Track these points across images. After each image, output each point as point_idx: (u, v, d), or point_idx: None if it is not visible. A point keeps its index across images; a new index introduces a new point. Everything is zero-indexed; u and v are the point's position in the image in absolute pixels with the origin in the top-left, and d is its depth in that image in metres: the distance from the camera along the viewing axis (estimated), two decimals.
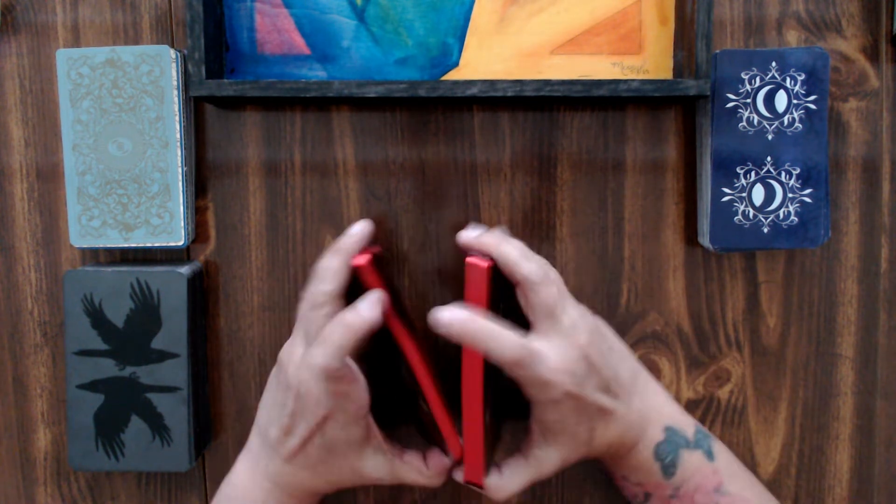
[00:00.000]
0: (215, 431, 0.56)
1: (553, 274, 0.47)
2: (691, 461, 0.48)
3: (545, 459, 0.47)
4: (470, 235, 0.48)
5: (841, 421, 0.55)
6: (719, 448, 0.49)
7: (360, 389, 0.45)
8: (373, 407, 0.46)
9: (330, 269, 0.46)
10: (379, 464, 0.48)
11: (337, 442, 0.46)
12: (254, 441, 0.49)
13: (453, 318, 0.42)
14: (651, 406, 0.49)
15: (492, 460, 0.49)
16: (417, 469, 0.49)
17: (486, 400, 0.45)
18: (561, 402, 0.44)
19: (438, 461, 0.49)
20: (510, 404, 0.51)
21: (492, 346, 0.43)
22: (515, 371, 0.43)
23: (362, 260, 0.45)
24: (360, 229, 0.48)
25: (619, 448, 0.48)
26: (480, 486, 0.47)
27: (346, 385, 0.44)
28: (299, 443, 0.46)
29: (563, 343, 0.45)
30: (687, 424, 0.49)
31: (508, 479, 0.47)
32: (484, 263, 0.44)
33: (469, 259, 0.44)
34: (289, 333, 0.55)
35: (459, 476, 0.48)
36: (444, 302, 0.54)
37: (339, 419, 0.45)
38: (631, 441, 0.48)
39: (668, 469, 0.48)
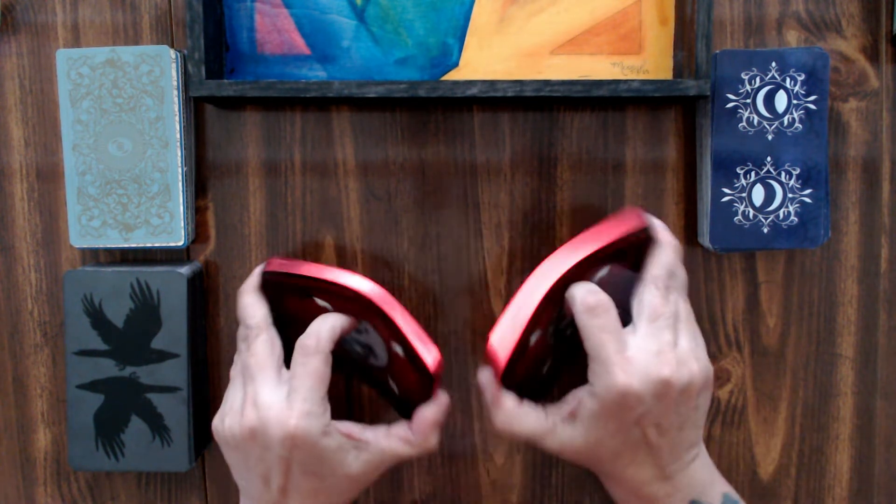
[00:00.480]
0: None
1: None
2: None
3: (564, 434, 0.45)
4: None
5: (841, 421, 0.55)
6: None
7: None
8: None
9: (247, 305, 0.47)
10: (362, 458, 0.45)
11: (320, 464, 0.44)
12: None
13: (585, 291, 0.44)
14: (690, 481, 0.45)
15: (520, 385, 0.47)
16: (404, 439, 0.46)
17: (547, 310, 0.45)
18: (614, 403, 0.42)
19: (421, 419, 0.46)
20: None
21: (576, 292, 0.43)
22: (584, 318, 0.43)
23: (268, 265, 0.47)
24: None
25: (639, 498, 0.45)
26: (497, 371, 0.45)
27: (323, 369, 0.44)
28: (281, 483, 0.44)
29: (654, 348, 0.43)
30: (714, 496, 0.46)
31: (520, 412, 0.45)
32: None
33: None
34: None
35: (486, 377, 0.46)
36: (445, 302, 0.54)
37: (310, 431, 0.43)
38: (654, 496, 0.45)
39: None
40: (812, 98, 0.50)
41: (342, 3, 0.52)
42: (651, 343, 0.43)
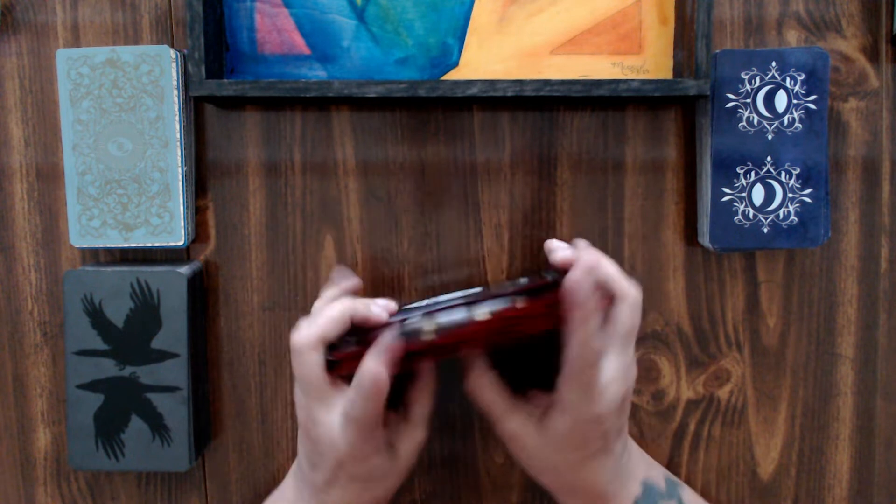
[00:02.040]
0: (215, 431, 0.56)
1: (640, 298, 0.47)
2: None
3: (526, 431, 0.46)
4: (565, 252, 0.47)
5: (841, 421, 0.55)
6: (688, 496, 0.50)
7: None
8: None
9: (325, 314, 0.45)
10: (402, 449, 0.47)
11: (363, 475, 0.46)
12: (293, 473, 0.50)
13: (591, 258, 0.43)
14: (632, 460, 0.49)
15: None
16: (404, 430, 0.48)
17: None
18: (585, 425, 0.44)
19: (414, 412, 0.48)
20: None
21: (591, 327, 0.42)
22: (579, 364, 0.43)
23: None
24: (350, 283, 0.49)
25: (597, 498, 0.47)
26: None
27: (370, 424, 0.44)
28: (327, 478, 0.46)
29: (620, 369, 0.44)
30: (658, 476, 0.50)
31: (492, 382, 0.47)
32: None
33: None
34: (289, 333, 0.55)
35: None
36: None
37: (356, 459, 0.45)
38: (613, 492, 0.47)
39: None
40: (812, 98, 0.50)
41: (342, 3, 0.52)
42: (618, 365, 0.45)
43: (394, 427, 0.48)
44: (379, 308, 0.46)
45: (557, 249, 0.48)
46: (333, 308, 0.45)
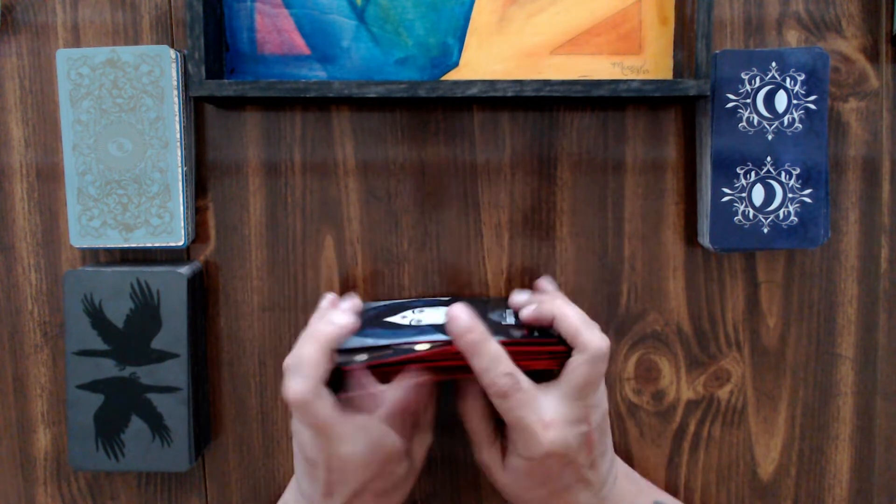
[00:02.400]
0: (215, 431, 0.56)
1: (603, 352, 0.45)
2: None
3: (494, 457, 0.47)
4: (529, 308, 0.47)
5: (841, 421, 0.55)
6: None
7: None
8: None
9: (308, 360, 0.43)
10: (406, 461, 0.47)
11: (384, 489, 0.45)
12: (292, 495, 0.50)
13: (465, 325, 0.43)
14: (617, 489, 0.48)
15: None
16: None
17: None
18: (539, 462, 0.44)
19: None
20: None
21: (487, 364, 0.42)
22: (499, 402, 0.43)
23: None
24: (345, 321, 0.45)
25: None
26: None
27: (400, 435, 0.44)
28: (345, 500, 0.45)
29: (572, 413, 0.44)
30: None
31: (481, 413, 0.47)
32: None
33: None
34: (289, 333, 0.55)
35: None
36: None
37: (387, 478, 0.45)
38: None
39: None
40: (812, 98, 0.50)
41: (342, 3, 0.52)
42: (563, 409, 0.44)
43: (410, 437, 0.48)
44: (343, 318, 0.46)
45: (524, 306, 0.47)
46: (311, 352, 0.43)
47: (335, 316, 0.46)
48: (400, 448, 0.45)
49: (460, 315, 0.43)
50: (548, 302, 0.47)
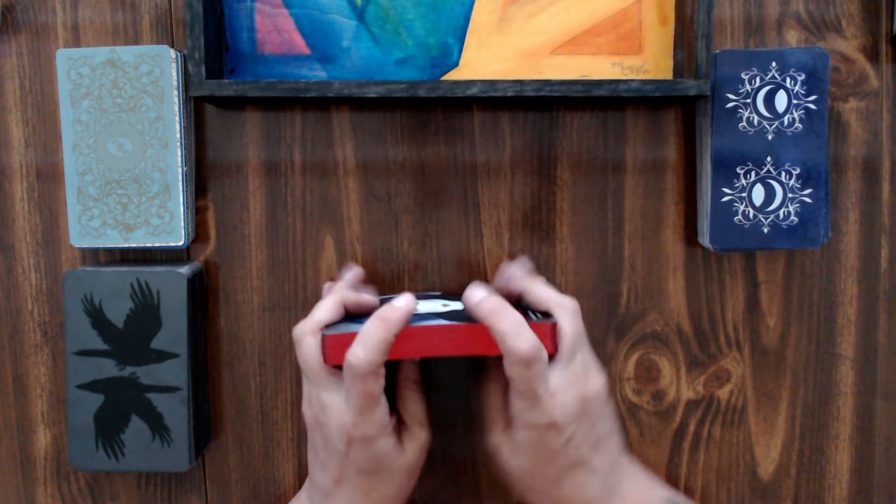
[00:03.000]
0: (215, 431, 0.56)
1: (577, 307, 0.47)
2: None
3: (500, 435, 0.47)
4: (481, 304, 0.46)
5: (841, 421, 0.55)
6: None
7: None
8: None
9: (325, 306, 0.47)
10: (411, 445, 0.47)
11: (373, 462, 0.46)
12: (305, 488, 0.50)
13: (484, 299, 0.44)
14: (625, 482, 0.48)
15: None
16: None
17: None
18: (544, 432, 0.44)
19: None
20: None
21: (510, 330, 0.42)
22: (515, 370, 0.43)
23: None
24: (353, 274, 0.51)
25: None
26: None
27: (375, 384, 0.44)
28: (336, 476, 0.46)
29: (570, 377, 0.44)
30: (656, 501, 0.49)
31: (498, 394, 0.47)
32: None
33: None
34: (289, 333, 0.55)
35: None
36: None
37: (367, 437, 0.44)
38: None
39: None
40: (812, 98, 0.50)
41: (342, 3, 0.52)
42: (567, 372, 0.44)
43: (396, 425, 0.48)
44: (368, 296, 0.49)
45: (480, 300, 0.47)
46: (326, 299, 0.48)
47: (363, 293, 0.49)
48: (381, 410, 0.45)
49: (477, 285, 0.45)
50: (513, 281, 0.49)
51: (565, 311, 0.45)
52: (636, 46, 0.52)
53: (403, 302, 0.43)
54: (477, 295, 0.45)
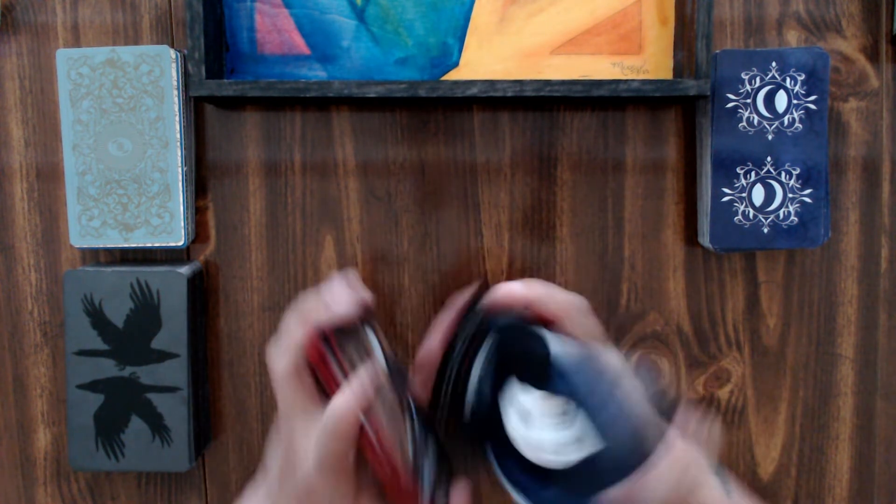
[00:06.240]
0: (215, 431, 0.56)
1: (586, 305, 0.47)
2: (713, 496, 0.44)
3: None
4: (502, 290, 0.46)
5: (841, 421, 0.55)
6: (734, 486, 0.48)
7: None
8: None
9: (291, 339, 0.42)
10: None
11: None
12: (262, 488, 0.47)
13: (517, 286, 0.44)
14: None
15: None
16: None
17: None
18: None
19: None
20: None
21: (553, 296, 0.43)
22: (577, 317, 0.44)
23: (313, 352, 0.43)
24: (342, 312, 0.44)
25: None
26: None
27: (343, 447, 0.41)
28: None
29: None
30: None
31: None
32: None
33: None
34: None
35: None
36: (445, 302, 0.54)
37: (326, 495, 0.41)
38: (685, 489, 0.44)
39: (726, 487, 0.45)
40: (812, 98, 0.50)
41: (342, 3, 0.52)
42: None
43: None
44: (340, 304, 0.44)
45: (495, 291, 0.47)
46: (294, 331, 0.43)
47: (338, 304, 0.44)
48: (350, 478, 0.42)
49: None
50: (519, 291, 0.47)
51: (571, 313, 0.45)
52: (636, 46, 0.52)
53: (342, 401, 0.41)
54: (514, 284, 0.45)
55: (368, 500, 0.43)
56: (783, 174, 0.51)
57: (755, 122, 0.50)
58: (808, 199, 0.51)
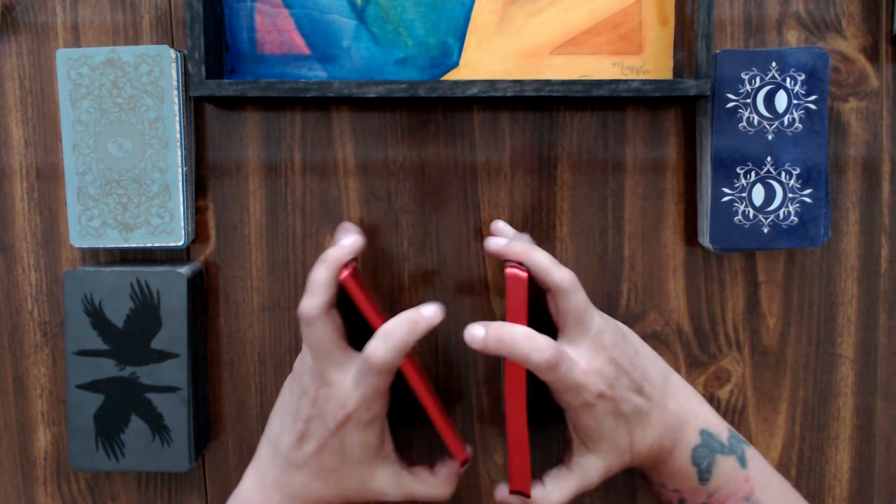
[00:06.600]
0: (215, 431, 0.56)
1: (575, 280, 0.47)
2: (725, 467, 0.47)
3: (588, 468, 0.47)
4: (499, 243, 0.49)
5: (841, 421, 0.55)
6: (752, 454, 0.49)
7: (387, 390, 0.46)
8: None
9: (318, 281, 0.45)
10: (388, 476, 0.48)
11: (352, 448, 0.46)
12: (263, 452, 0.49)
13: (487, 331, 0.44)
14: (685, 407, 0.49)
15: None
16: (425, 480, 0.48)
17: (527, 409, 0.46)
18: (595, 405, 0.45)
19: (446, 469, 0.49)
20: (537, 415, 0.51)
21: (527, 349, 0.43)
22: (548, 375, 0.44)
23: (344, 274, 0.46)
24: (351, 242, 0.47)
25: (658, 453, 0.48)
26: (527, 495, 0.46)
27: (386, 381, 0.45)
28: (315, 447, 0.46)
29: (591, 346, 0.46)
30: (721, 428, 0.49)
31: (553, 489, 0.47)
32: (523, 274, 0.45)
33: (509, 270, 0.45)
34: (289, 333, 0.55)
35: (503, 491, 0.47)
36: (445, 302, 0.54)
37: (361, 420, 0.45)
38: (669, 445, 0.47)
39: (704, 475, 0.48)
40: (812, 98, 0.50)
41: (342, 3, 0.52)
42: (579, 346, 0.46)
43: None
44: (350, 238, 0.48)
45: (491, 243, 0.49)
46: (321, 274, 0.46)
47: (343, 239, 0.48)
48: (385, 400, 0.46)
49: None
50: (519, 246, 0.48)
51: (566, 295, 0.46)
52: (636, 46, 0.52)
53: (431, 311, 0.45)
54: (500, 240, 0.48)
55: (390, 449, 0.48)
56: (783, 174, 0.51)
57: (755, 122, 0.50)
58: (808, 199, 0.51)
